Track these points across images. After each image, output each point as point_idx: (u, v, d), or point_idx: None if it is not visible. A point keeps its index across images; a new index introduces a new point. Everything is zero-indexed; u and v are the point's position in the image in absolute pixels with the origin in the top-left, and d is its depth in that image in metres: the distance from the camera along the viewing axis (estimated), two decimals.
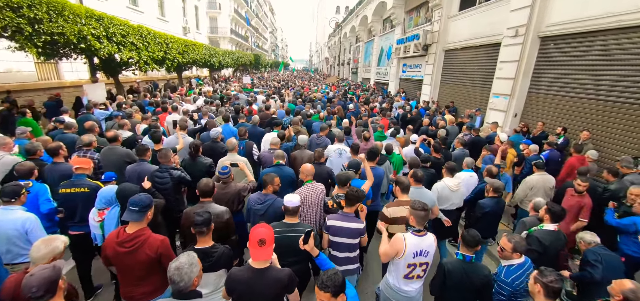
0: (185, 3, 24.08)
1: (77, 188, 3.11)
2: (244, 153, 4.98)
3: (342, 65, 35.78)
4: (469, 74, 10.49)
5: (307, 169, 3.47)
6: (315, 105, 10.71)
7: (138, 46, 9.95)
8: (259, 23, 58.02)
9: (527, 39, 7.59)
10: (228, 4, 35.31)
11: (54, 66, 11.59)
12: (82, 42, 7.61)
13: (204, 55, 16.64)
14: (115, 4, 14.85)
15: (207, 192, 2.90)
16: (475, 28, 9.96)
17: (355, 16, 26.37)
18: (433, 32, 12.47)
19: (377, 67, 21.23)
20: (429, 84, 12.94)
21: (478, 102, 9.80)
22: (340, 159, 4.79)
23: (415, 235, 2.44)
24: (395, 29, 17.22)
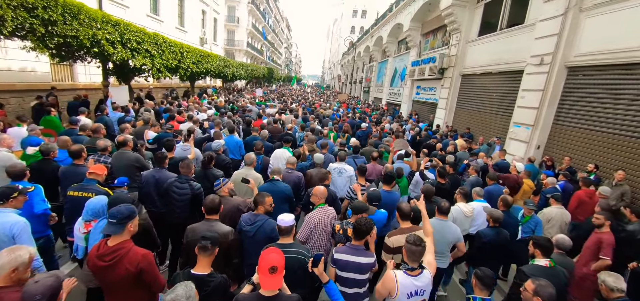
0: (204, 15, 24.67)
1: (84, 192, 3.06)
2: (260, 167, 4.85)
3: (354, 83, 35.80)
4: (487, 101, 10.05)
5: (320, 192, 3.26)
6: (326, 122, 10.50)
7: (152, 53, 9.96)
8: (275, 38, 59.28)
9: (554, 68, 7.17)
10: (246, 18, 36.20)
11: (68, 67, 11.76)
12: (95, 46, 7.60)
13: (217, 66, 16.75)
14: (136, 12, 15.21)
15: (213, 209, 2.73)
16: (495, 54, 9.59)
17: (370, 36, 26.46)
18: (450, 56, 12.16)
19: (390, 88, 20.99)
20: (443, 108, 12.52)
21: (496, 131, 9.30)
22: (339, 179, 4.71)
23: (408, 275, 2.20)
24: (411, 51, 17.03)
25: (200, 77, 16.46)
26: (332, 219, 3.17)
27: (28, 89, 9.85)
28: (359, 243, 2.53)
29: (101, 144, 4.21)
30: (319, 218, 3.08)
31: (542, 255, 2.73)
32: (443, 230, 3.19)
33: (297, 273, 2.36)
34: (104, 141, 4.33)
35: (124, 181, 3.36)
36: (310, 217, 3.11)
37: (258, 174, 4.24)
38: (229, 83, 25.49)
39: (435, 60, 12.93)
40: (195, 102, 11.98)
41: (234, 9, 35.24)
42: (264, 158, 5.08)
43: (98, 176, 3.24)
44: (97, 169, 3.26)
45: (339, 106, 18.58)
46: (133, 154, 4.36)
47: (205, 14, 24.68)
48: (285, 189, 3.79)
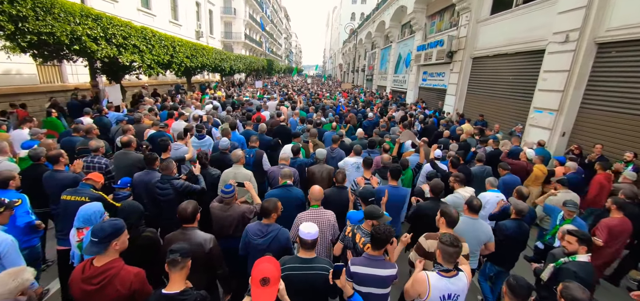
0: (199, 7, 23.84)
1: (78, 196, 2.98)
2: (253, 161, 4.67)
3: (357, 72, 34.85)
4: (502, 85, 9.30)
5: (315, 194, 3.04)
6: (327, 113, 9.92)
7: (141, 49, 9.33)
8: (273, 29, 58.07)
9: (581, 46, 6.41)
10: (243, 9, 35.18)
11: (57, 68, 11.19)
12: (76, 43, 6.99)
13: (214, 59, 16.07)
14: (126, 6, 14.52)
15: (185, 218, 2.47)
16: (511, 33, 8.79)
17: (372, 22, 25.45)
18: (459, 38, 11.34)
19: (394, 75, 20.16)
20: (453, 94, 11.78)
21: (514, 117, 8.59)
22: (357, 174, 4.40)
23: (443, 276, 2.07)
24: (416, 35, 16.16)
25: (196, 72, 15.82)
26: (327, 224, 2.92)
27: (15, 93, 9.34)
28: (378, 254, 2.24)
29: (93, 144, 4.13)
30: (307, 219, 2.82)
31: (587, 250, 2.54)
32: (475, 229, 2.97)
33: (320, 291, 2.21)
34: (96, 141, 4.24)
35: (127, 182, 3.34)
36: (298, 218, 2.92)
37: (248, 172, 3.92)
38: (228, 77, 24.82)
39: (443, 43, 12.12)
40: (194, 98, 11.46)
41: (229, 0, 34.22)
42: (257, 152, 4.78)
43: (95, 183, 3.17)
44: (94, 176, 3.20)
45: (340, 95, 17.86)
46: (135, 155, 4.36)
47: (200, 6, 23.84)
48: (300, 195, 3.48)
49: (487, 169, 4.99)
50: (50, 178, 3.43)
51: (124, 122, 5.87)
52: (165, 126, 5.94)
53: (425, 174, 4.48)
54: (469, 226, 2.93)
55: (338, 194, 3.55)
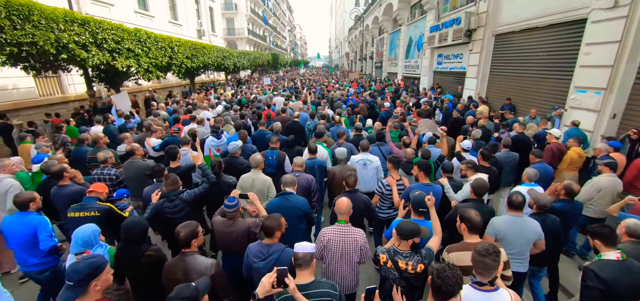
0: (199, 5, 23.24)
1: (86, 212, 2.95)
2: (276, 163, 4.44)
3: (364, 60, 33.67)
4: (533, 63, 8.27)
5: (342, 208, 2.65)
6: (338, 106, 9.23)
7: (136, 52, 8.79)
8: (276, 22, 57.08)
9: (636, 10, 5.39)
10: (244, 4, 34.41)
11: (56, 80, 10.84)
12: (63, 52, 6.47)
13: (216, 57, 15.46)
14: (122, 9, 14.05)
15: (185, 242, 2.26)
16: (542, 3, 7.73)
17: (378, 5, 24.21)
18: (479, 14, 10.28)
19: (406, 60, 19.07)
20: (474, 77, 10.77)
21: (550, 99, 7.59)
22: (365, 172, 4.24)
23: (478, 289, 1.82)
24: (427, 15, 15.04)
25: (198, 72, 15.29)
26: (354, 244, 2.54)
27: (14, 108, 9.03)
28: None
29: (101, 156, 4.05)
30: (330, 238, 2.56)
31: (605, 246, 2.24)
32: (521, 227, 2.67)
33: None
34: (104, 152, 4.13)
35: (123, 193, 3.33)
36: (321, 233, 2.64)
37: (266, 178, 3.70)
38: (234, 75, 24.29)
39: (459, 21, 11.06)
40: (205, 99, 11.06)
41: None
42: (279, 153, 4.53)
43: (98, 194, 3.10)
44: (96, 188, 3.13)
45: (349, 86, 17.10)
46: (143, 162, 4.31)
47: (199, 3, 23.23)
48: (301, 204, 3.13)
49: (513, 156, 4.75)
50: (57, 194, 3.44)
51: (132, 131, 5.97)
52: (178, 130, 5.83)
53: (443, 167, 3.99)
54: (514, 226, 2.65)
55: (353, 200, 2.99)
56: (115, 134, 6.15)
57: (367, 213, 3.38)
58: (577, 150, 4.78)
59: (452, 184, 3.67)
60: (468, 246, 2.25)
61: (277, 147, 4.63)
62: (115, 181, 3.95)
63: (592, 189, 3.82)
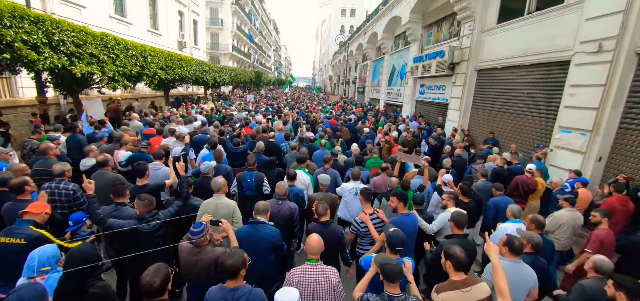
0: (182, 17, 22.57)
1: (12, 238, 2.47)
2: (255, 185, 4.29)
3: (347, 84, 34.06)
4: (516, 100, 8.32)
5: (313, 246, 2.45)
6: (317, 129, 9.02)
7: (101, 59, 7.93)
8: (262, 40, 57.29)
9: (619, 56, 5.45)
10: (231, 20, 34.17)
11: (4, 81, 9.61)
12: (6, 51, 5.57)
13: (194, 71, 14.71)
14: (95, 13, 13.11)
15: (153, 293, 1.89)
16: (524, 43, 7.87)
17: (363, 33, 24.74)
18: (462, 49, 10.44)
19: (388, 87, 19.25)
20: (456, 109, 10.78)
21: (535, 136, 7.56)
22: (357, 201, 3.98)
23: None
24: (411, 46, 15.32)
25: (174, 84, 14.42)
26: (327, 285, 2.35)
27: None
28: None
29: (58, 168, 3.56)
30: (300, 279, 2.35)
31: None
32: (520, 274, 2.56)
33: None
34: (60, 164, 3.65)
35: (80, 218, 2.89)
36: (290, 275, 2.43)
37: (230, 202, 3.42)
38: (214, 89, 23.50)
39: (443, 54, 11.19)
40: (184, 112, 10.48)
41: (216, 10, 33.16)
42: (257, 175, 4.36)
43: (34, 216, 2.63)
44: (34, 208, 2.65)
45: (332, 108, 16.96)
46: (113, 175, 4.04)
47: (183, 15, 22.58)
48: (270, 235, 2.87)
49: (490, 186, 4.79)
50: (11, 210, 2.96)
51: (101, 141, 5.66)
52: (147, 145, 5.31)
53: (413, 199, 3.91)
54: (513, 273, 2.48)
55: (325, 233, 2.78)
56: (83, 144, 5.53)
57: (340, 249, 3.12)
58: (540, 180, 5.23)
59: (423, 216, 3.66)
60: (455, 284, 2.19)
61: (255, 169, 4.45)
62: (71, 196, 3.46)
63: (553, 223, 3.98)
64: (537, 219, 3.28)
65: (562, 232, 3.95)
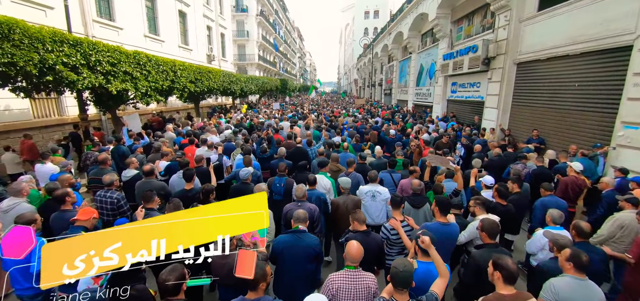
0: (210, 31, 23.55)
1: None
2: (283, 190, 4.39)
3: (373, 86, 33.39)
4: (564, 94, 7.43)
5: (353, 253, 2.39)
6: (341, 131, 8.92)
7: (134, 75, 8.34)
8: (287, 49, 58.36)
9: None
10: (256, 31, 35.15)
11: (54, 101, 10.51)
12: (49, 73, 5.99)
13: (222, 82, 15.15)
14: (132, 33, 14.01)
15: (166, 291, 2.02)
16: (572, 30, 7.01)
17: (388, 34, 24.11)
18: (498, 42, 9.62)
19: (417, 87, 18.47)
20: (494, 107, 9.94)
21: (588, 135, 6.67)
22: (374, 204, 4.03)
23: None
24: (440, 43, 14.54)
25: (203, 96, 14.94)
26: (366, 291, 2.32)
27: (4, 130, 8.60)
28: None
29: (107, 179, 3.91)
30: (340, 285, 2.32)
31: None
32: (587, 295, 2.17)
33: None
34: (110, 175, 4.00)
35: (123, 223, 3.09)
36: (329, 280, 2.38)
37: None
38: (242, 99, 24.23)
39: (476, 49, 10.43)
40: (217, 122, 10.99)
41: (242, 23, 34.30)
42: (287, 181, 4.46)
43: (84, 223, 2.86)
44: (82, 215, 2.89)
45: (357, 113, 16.59)
46: (158, 183, 4.32)
47: (211, 29, 23.53)
48: (314, 244, 2.93)
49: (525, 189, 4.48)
50: (57, 219, 3.29)
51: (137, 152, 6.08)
52: (182, 155, 5.72)
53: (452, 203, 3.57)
54: (577, 291, 2.19)
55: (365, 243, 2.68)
56: (126, 155, 6.07)
57: (378, 259, 3.07)
58: (587, 182, 4.76)
59: (458, 222, 3.32)
60: (504, 298, 2.03)
61: (286, 175, 4.57)
62: (115, 205, 3.76)
63: (614, 227, 3.56)
64: (579, 226, 2.89)
65: (625, 236, 3.52)
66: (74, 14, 10.98)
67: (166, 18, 17.05)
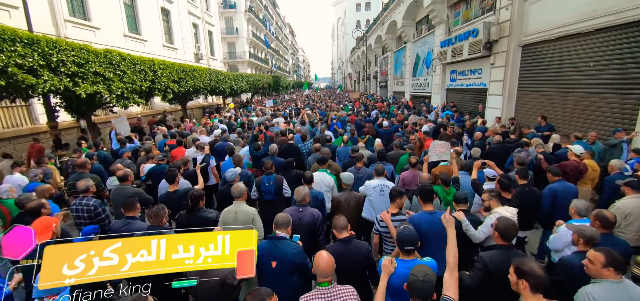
0: (197, 29, 22.63)
1: None
2: (273, 188, 4.13)
3: (368, 79, 32.72)
4: (578, 76, 6.83)
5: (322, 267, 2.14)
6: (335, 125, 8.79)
7: (106, 77, 7.57)
8: (279, 45, 57.36)
9: None
10: (246, 28, 34.21)
11: (25, 109, 9.68)
12: (0, 77, 5.23)
13: (208, 81, 14.36)
14: (109, 33, 13.13)
15: None
16: (585, 4, 6.39)
17: (381, 24, 23.42)
18: (500, 24, 8.99)
19: (413, 78, 17.84)
20: (498, 94, 9.34)
21: (607, 119, 6.08)
22: (382, 199, 3.67)
23: None
24: (436, 30, 13.90)
25: (190, 97, 14.15)
26: None
27: None
28: None
29: (82, 184, 3.73)
30: None
31: None
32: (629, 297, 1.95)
33: None
34: (84, 180, 3.80)
35: (91, 230, 2.95)
36: None
37: (251, 210, 3.37)
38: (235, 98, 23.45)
39: (477, 33, 9.80)
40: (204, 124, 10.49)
41: (231, 20, 33.34)
42: (276, 178, 4.23)
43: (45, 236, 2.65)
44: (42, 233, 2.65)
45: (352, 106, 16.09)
46: (131, 189, 4.14)
47: (198, 27, 22.62)
48: (292, 254, 2.55)
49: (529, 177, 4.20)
50: None
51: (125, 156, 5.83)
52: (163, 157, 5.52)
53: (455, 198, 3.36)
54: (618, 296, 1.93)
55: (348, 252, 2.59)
56: (109, 161, 5.91)
57: (368, 269, 2.69)
58: (590, 163, 4.55)
59: (470, 218, 3.00)
60: None
61: (273, 172, 4.34)
62: (93, 212, 3.59)
63: (617, 215, 3.15)
64: (603, 216, 2.62)
65: (629, 225, 3.25)
66: (43, 13, 10.14)
67: (148, 16, 16.15)
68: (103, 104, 8.02)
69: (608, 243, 2.44)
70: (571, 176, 4.40)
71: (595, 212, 2.70)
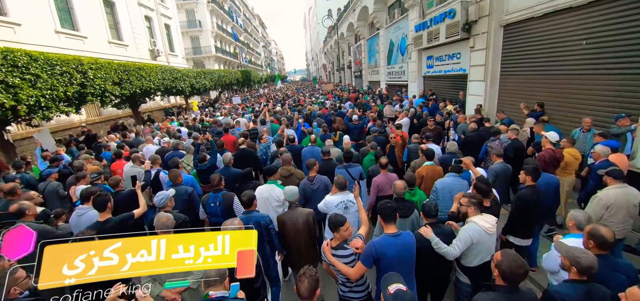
0: (151, 22, 20.38)
1: None
2: (220, 210, 3.51)
3: (342, 70, 31.75)
4: (568, 55, 6.17)
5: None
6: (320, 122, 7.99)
7: (12, 83, 5.95)
8: (249, 38, 54.88)
9: None
10: (209, 20, 31.86)
11: None
12: None
13: (162, 80, 12.66)
14: (35, 30, 11.02)
15: None
16: None
17: (352, 11, 22.37)
18: (479, 2, 8.22)
19: (388, 66, 17.05)
20: (479, 80, 8.63)
21: (605, 102, 5.44)
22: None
23: None
24: (409, 13, 13.06)
25: (141, 99, 12.41)
26: None
27: None
28: None
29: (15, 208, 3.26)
30: None
31: None
32: None
33: None
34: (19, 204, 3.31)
35: None
36: None
37: None
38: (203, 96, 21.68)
39: (453, 14, 9.01)
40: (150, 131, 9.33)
41: (192, 12, 30.88)
42: (224, 196, 3.58)
43: None
44: None
45: (325, 99, 15.25)
46: (35, 226, 3.18)
47: (151, 20, 20.37)
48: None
49: (508, 169, 4.12)
50: None
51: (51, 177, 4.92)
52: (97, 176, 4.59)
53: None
54: None
55: None
56: (32, 184, 5.05)
57: None
58: (571, 151, 4.36)
59: (439, 231, 2.69)
60: None
61: (222, 188, 3.76)
62: None
63: (599, 207, 3.14)
64: (599, 234, 2.12)
65: (612, 216, 3.08)
66: None
67: (86, 9, 13.98)
68: (8, 118, 6.35)
69: (607, 267, 2.08)
70: (549, 165, 4.18)
71: (590, 229, 2.20)
